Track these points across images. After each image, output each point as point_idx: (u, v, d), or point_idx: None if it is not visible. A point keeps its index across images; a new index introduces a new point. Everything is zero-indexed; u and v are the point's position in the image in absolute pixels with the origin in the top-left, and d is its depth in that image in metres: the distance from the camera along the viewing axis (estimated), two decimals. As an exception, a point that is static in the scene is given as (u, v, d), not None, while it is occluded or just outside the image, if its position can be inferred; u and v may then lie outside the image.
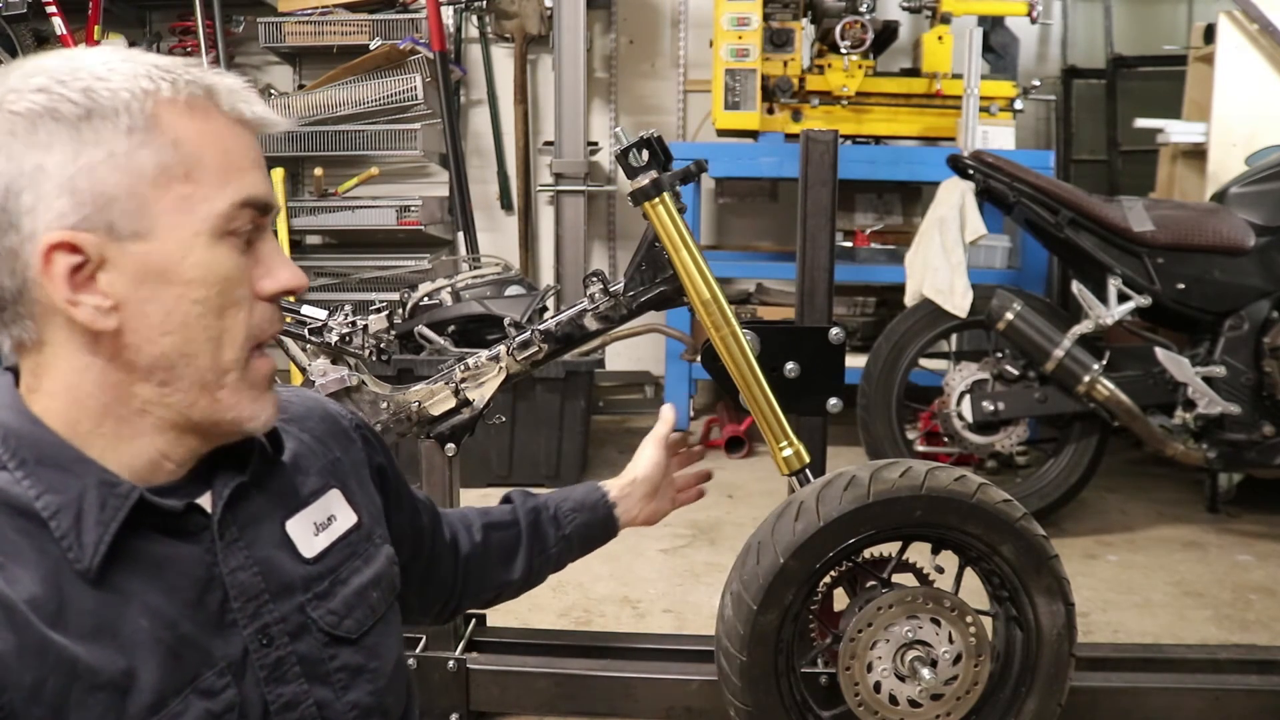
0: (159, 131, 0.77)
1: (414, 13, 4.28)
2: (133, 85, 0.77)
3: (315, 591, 0.88)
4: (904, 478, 1.56)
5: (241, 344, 0.81)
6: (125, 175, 0.76)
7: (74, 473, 0.77)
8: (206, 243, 0.79)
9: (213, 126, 0.80)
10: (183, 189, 0.78)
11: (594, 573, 2.66)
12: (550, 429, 3.32)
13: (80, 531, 0.75)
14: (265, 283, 0.83)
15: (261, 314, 0.83)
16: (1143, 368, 2.82)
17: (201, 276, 0.78)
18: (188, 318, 0.78)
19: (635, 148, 1.67)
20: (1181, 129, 3.59)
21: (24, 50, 4.08)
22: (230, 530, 0.84)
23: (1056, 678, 1.63)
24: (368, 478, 1.03)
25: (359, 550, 0.95)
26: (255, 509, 0.87)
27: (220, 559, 0.82)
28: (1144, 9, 4.61)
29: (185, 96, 0.79)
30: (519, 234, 4.57)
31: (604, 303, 1.75)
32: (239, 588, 0.82)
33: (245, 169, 0.81)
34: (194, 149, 0.78)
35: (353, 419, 1.05)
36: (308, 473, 0.94)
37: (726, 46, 3.62)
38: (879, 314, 4.14)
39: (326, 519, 0.93)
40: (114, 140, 0.76)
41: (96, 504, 0.76)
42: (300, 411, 0.99)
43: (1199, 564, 2.75)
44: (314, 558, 0.90)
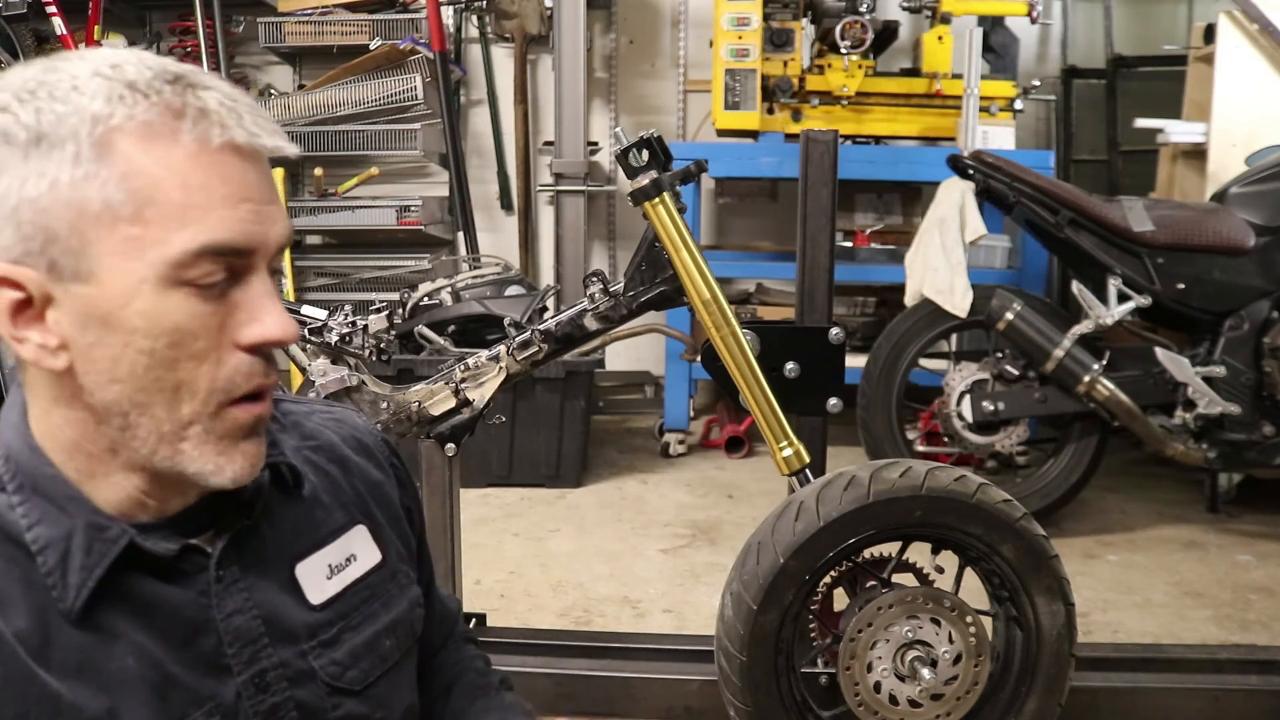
0: (109, 163, 0.68)
1: (414, 13, 4.28)
2: (91, 107, 0.69)
3: (320, 639, 0.84)
4: (904, 478, 1.56)
5: (203, 399, 0.73)
6: (67, 210, 0.68)
7: (65, 510, 0.74)
8: (154, 290, 0.70)
9: (174, 157, 0.69)
10: (129, 230, 0.69)
11: (594, 573, 2.66)
12: (550, 429, 3.32)
13: (66, 571, 0.73)
14: (243, 332, 0.73)
15: (236, 367, 0.74)
16: (1143, 368, 2.82)
17: (146, 326, 0.70)
18: (135, 368, 0.71)
19: (635, 148, 1.67)
20: (1181, 129, 3.59)
21: (24, 51, 4.08)
22: (230, 571, 0.80)
23: (1056, 678, 1.63)
24: (401, 516, 0.97)
25: (379, 592, 0.90)
26: (262, 550, 0.83)
27: (215, 603, 0.78)
28: (1144, 9, 4.61)
29: (145, 119, 0.69)
30: (519, 234, 4.57)
31: (604, 303, 1.75)
32: (234, 633, 0.78)
33: (212, 208, 0.70)
34: (145, 184, 0.69)
35: (388, 454, 0.99)
36: (330, 508, 0.89)
37: (726, 46, 3.62)
38: (879, 314, 4.13)
39: (345, 559, 0.88)
40: (59, 170, 0.68)
41: (83, 547, 0.73)
42: (330, 439, 0.93)
43: (1199, 564, 2.75)
44: (322, 604, 0.85)
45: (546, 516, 3.10)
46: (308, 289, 4.35)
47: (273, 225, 0.74)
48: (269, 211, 0.73)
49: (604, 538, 2.92)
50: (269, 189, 0.74)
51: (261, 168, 0.74)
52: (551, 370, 3.19)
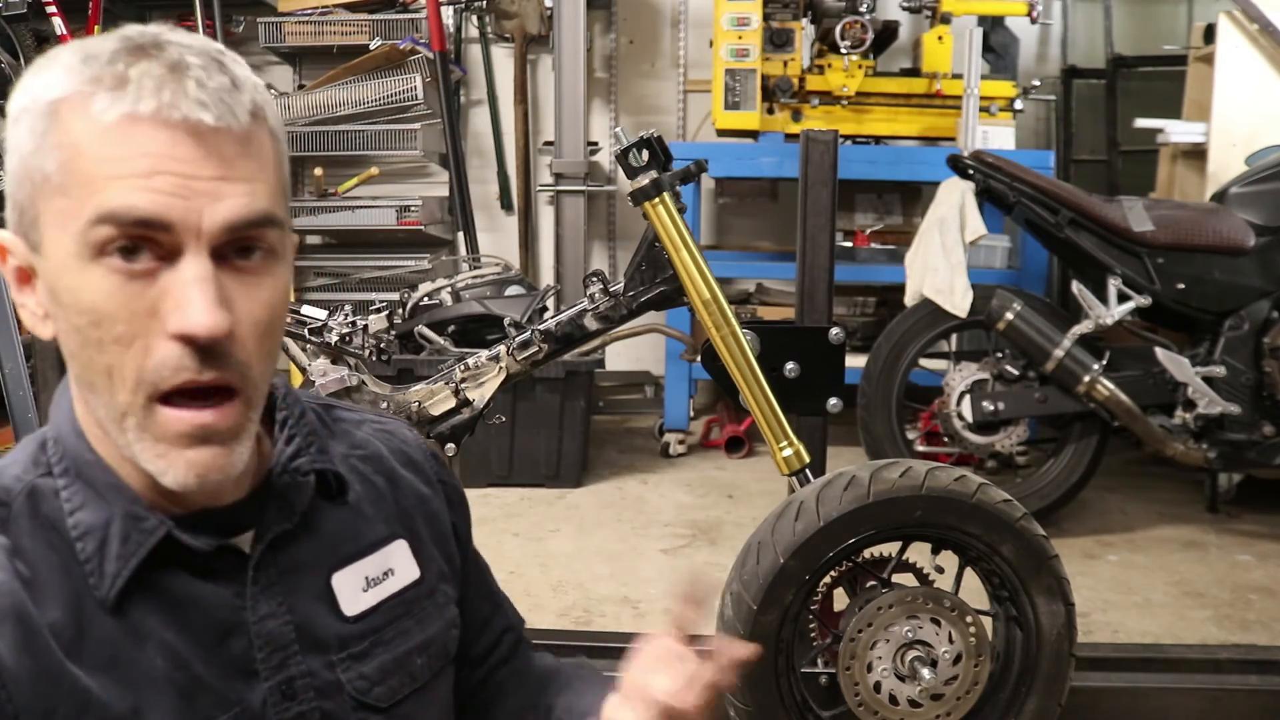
0: (51, 134, 0.68)
1: (414, 13, 4.28)
2: (49, 77, 0.69)
3: (350, 651, 0.82)
4: (904, 478, 1.56)
5: (131, 388, 0.69)
6: (27, 181, 0.70)
7: (105, 498, 0.74)
8: (76, 266, 0.68)
9: (96, 127, 0.67)
10: (61, 202, 0.68)
11: (594, 573, 2.66)
12: (550, 429, 3.32)
13: (102, 560, 0.72)
14: (169, 319, 0.68)
15: (163, 358, 0.68)
16: (1143, 368, 2.82)
17: (72, 303, 0.69)
18: (75, 345, 0.70)
19: (635, 148, 1.67)
20: (1181, 129, 3.59)
21: (24, 51, 4.08)
22: (266, 574, 0.78)
23: (1056, 678, 1.63)
24: (448, 534, 0.94)
25: (414, 609, 0.87)
26: (301, 556, 0.81)
27: (249, 605, 0.77)
28: (1144, 9, 4.61)
29: (81, 89, 0.68)
30: (519, 234, 4.57)
31: (604, 303, 1.75)
32: (265, 637, 0.77)
33: (122, 177, 0.66)
34: (71, 155, 0.68)
35: (437, 470, 0.96)
36: (373, 519, 0.87)
37: (726, 46, 3.62)
38: (879, 314, 4.13)
39: (383, 573, 0.86)
40: (25, 141, 0.70)
41: (120, 535, 0.73)
42: (378, 450, 0.91)
43: (1199, 564, 2.75)
44: (355, 616, 0.83)
45: (546, 516, 3.10)
46: (308, 289, 4.35)
47: (208, 202, 0.68)
48: (202, 187, 0.68)
49: (604, 538, 2.92)
50: (214, 166, 0.68)
51: (203, 141, 0.68)
52: (551, 370, 3.19)
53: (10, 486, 0.75)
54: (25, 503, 0.74)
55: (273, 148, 0.74)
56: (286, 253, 0.76)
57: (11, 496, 0.74)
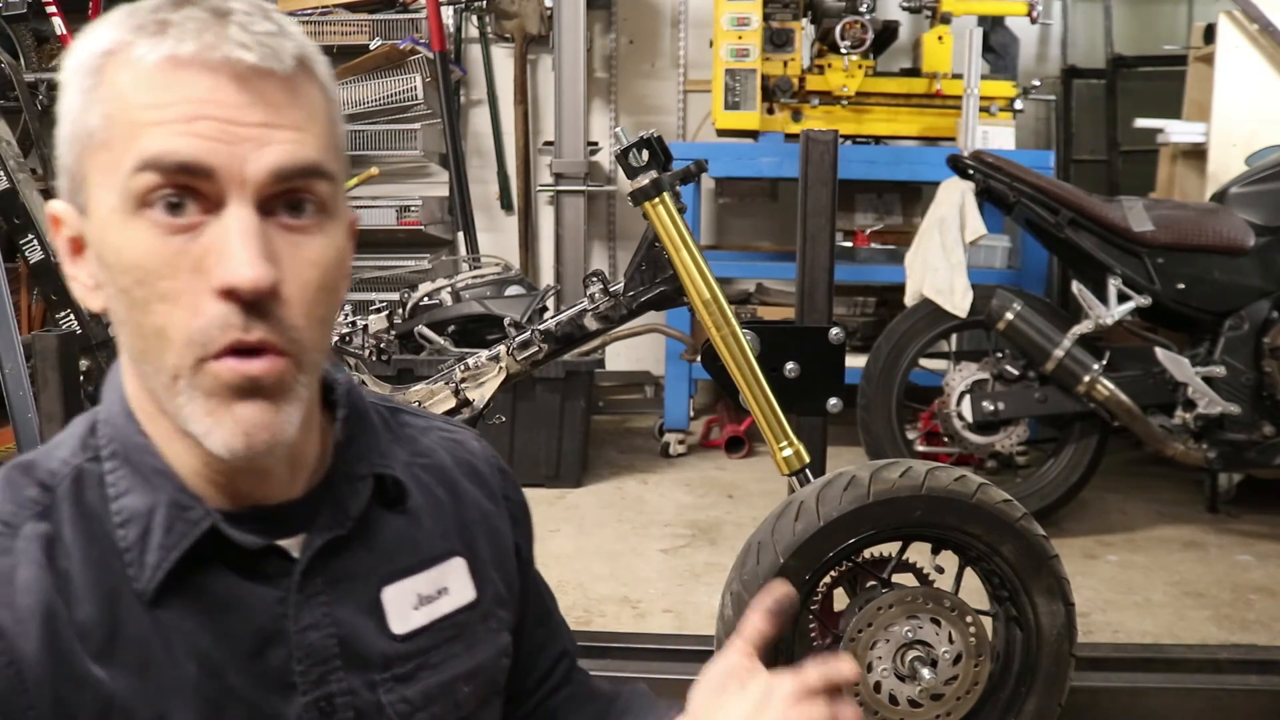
0: (99, 89, 0.65)
1: (414, 13, 4.28)
2: (101, 34, 0.66)
3: (394, 673, 0.76)
4: (904, 478, 1.56)
5: (179, 350, 0.65)
6: (75, 144, 0.67)
7: (152, 484, 0.70)
8: (120, 221, 0.65)
9: (137, 74, 0.64)
10: (105, 156, 0.65)
11: (594, 573, 2.66)
12: (550, 429, 3.32)
13: (144, 550, 0.69)
14: (213, 274, 0.64)
15: (210, 316, 0.64)
16: (1143, 368, 2.82)
17: (115, 262, 0.65)
18: (123, 310, 0.67)
19: (635, 148, 1.67)
20: (1181, 129, 3.59)
21: (24, 51, 4.08)
22: (314, 582, 0.73)
23: (1056, 677, 1.64)
24: (509, 554, 0.88)
25: (466, 634, 0.81)
26: (352, 565, 0.75)
27: (292, 613, 0.71)
28: (1144, 9, 4.61)
29: (126, 39, 0.65)
30: (519, 234, 4.57)
31: (604, 303, 1.75)
32: (306, 649, 0.72)
33: (163, 122, 0.63)
34: (114, 106, 0.65)
35: (504, 486, 0.90)
36: (431, 533, 0.81)
37: (726, 46, 3.62)
38: (879, 314, 4.13)
39: (436, 591, 0.80)
40: (73, 103, 0.67)
41: (164, 524, 0.69)
42: (443, 460, 0.86)
43: (1199, 564, 2.75)
44: (403, 635, 0.77)
45: (546, 516, 3.10)
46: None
47: (252, 148, 0.64)
48: (246, 133, 0.64)
49: (604, 538, 2.92)
50: (259, 111, 0.65)
51: (249, 86, 0.64)
52: (551, 370, 3.19)
53: (56, 470, 0.72)
54: (70, 488, 0.71)
55: (323, 102, 0.70)
56: (340, 212, 0.70)
57: (56, 481, 0.71)
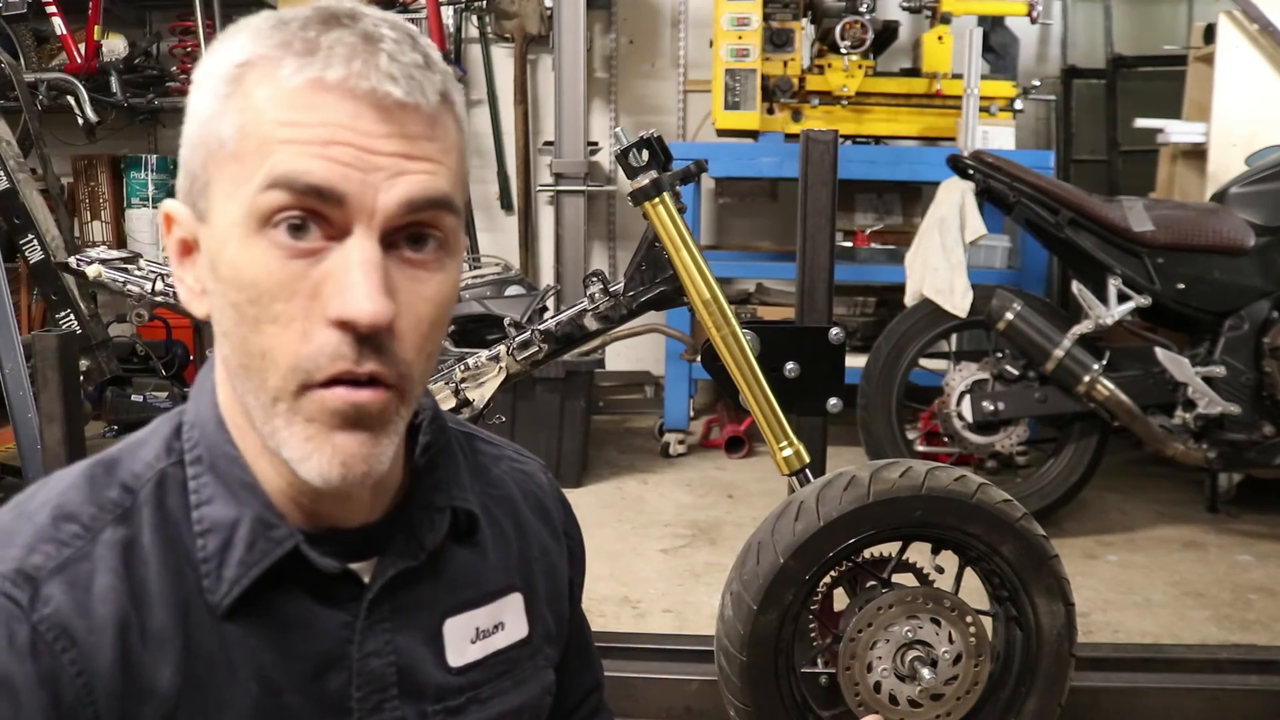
0: (233, 98, 0.65)
1: (414, 13, 4.28)
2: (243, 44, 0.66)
3: (446, 705, 0.76)
4: (904, 478, 1.56)
5: (284, 374, 0.64)
6: (202, 147, 0.67)
7: (238, 497, 0.69)
8: (241, 236, 0.64)
9: (279, 91, 0.64)
10: (235, 168, 0.65)
11: (594, 573, 2.65)
12: (550, 429, 3.32)
13: (223, 563, 0.68)
14: (330, 304, 0.63)
15: (321, 345, 0.64)
16: (1143, 368, 2.82)
17: (231, 277, 0.65)
18: (229, 323, 0.66)
19: (635, 148, 1.67)
20: (1181, 129, 3.59)
21: (24, 51, 4.08)
22: (381, 609, 0.73)
23: (1056, 677, 1.64)
24: (563, 591, 0.89)
25: (515, 669, 0.82)
26: (419, 595, 0.75)
27: (358, 639, 0.71)
28: (1144, 9, 4.61)
29: (269, 54, 0.65)
30: (519, 234, 4.57)
31: (604, 303, 1.75)
32: (367, 675, 0.72)
33: (299, 142, 0.63)
34: (249, 118, 0.64)
35: (566, 523, 0.92)
36: (496, 566, 0.81)
37: (726, 46, 3.62)
38: (879, 314, 4.14)
39: (493, 626, 0.80)
40: (205, 107, 0.67)
41: (246, 540, 0.68)
42: (511, 493, 0.86)
43: (1199, 564, 2.75)
44: (459, 668, 0.77)
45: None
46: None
47: (385, 178, 0.64)
48: (381, 162, 0.64)
49: (604, 537, 2.92)
50: (396, 143, 0.64)
51: (391, 118, 0.64)
52: (551, 370, 3.19)
53: (140, 473, 0.70)
54: (152, 492, 0.70)
55: (457, 136, 0.69)
56: (459, 248, 0.70)
57: (140, 484, 0.70)
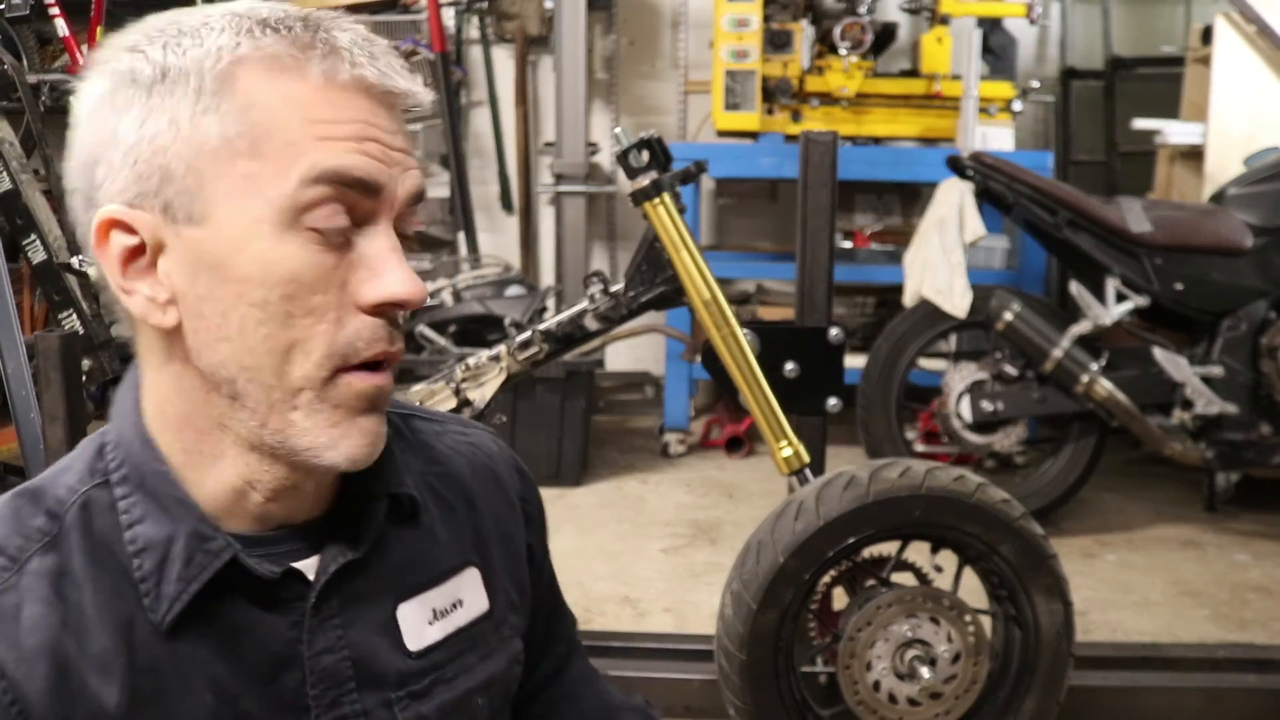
0: (230, 95, 0.64)
1: (415, 14, 4.28)
2: (219, 40, 0.65)
3: (410, 690, 0.75)
4: (903, 477, 1.57)
5: (318, 362, 0.66)
6: (186, 147, 0.65)
7: (170, 513, 0.68)
8: (271, 233, 0.64)
9: (298, 89, 0.65)
10: (248, 165, 0.64)
11: (594, 572, 2.67)
12: (550, 429, 3.33)
13: (161, 580, 0.67)
14: (365, 290, 0.66)
15: (357, 330, 0.67)
16: (1141, 368, 2.83)
17: (260, 275, 0.64)
18: (245, 324, 0.65)
19: (635, 148, 1.68)
20: (1179, 130, 3.60)
21: (27, 52, 4.08)
22: (329, 605, 0.72)
23: (1055, 676, 1.64)
24: (521, 557, 0.88)
25: (480, 644, 0.81)
26: (366, 585, 0.74)
27: (307, 638, 0.71)
28: (1142, 10, 4.61)
29: (272, 52, 0.65)
30: (519, 234, 4.57)
31: (604, 303, 1.76)
32: (320, 673, 0.71)
33: (336, 139, 0.65)
34: (266, 116, 0.64)
35: (520, 487, 0.91)
36: (446, 545, 0.80)
37: (726, 48, 3.62)
38: (879, 314, 4.14)
39: (451, 604, 0.79)
40: (180, 105, 0.64)
41: (183, 555, 0.67)
42: (459, 468, 0.85)
43: (1197, 563, 2.76)
44: (419, 651, 0.76)
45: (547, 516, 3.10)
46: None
47: (403, 172, 0.68)
48: (399, 157, 0.68)
49: (604, 537, 2.93)
50: (401, 137, 0.69)
51: (394, 113, 0.69)
52: (552, 370, 3.20)
53: (64, 498, 0.70)
54: (78, 516, 0.69)
55: None
56: None
57: (64, 509, 0.69)
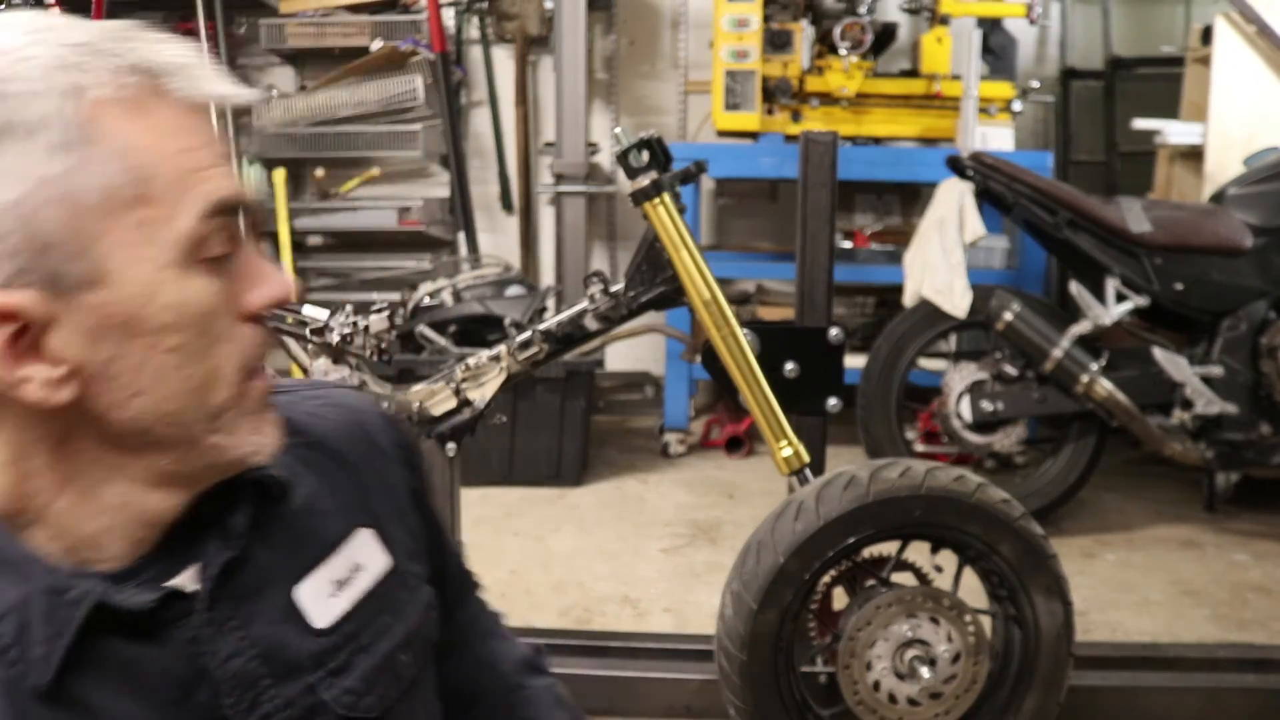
0: (99, 143, 0.59)
1: (415, 14, 4.28)
2: (55, 81, 0.58)
3: (329, 668, 0.73)
4: (903, 477, 1.57)
5: (232, 380, 0.66)
6: (59, 208, 0.58)
7: (19, 572, 0.63)
8: (177, 276, 0.62)
9: (162, 121, 0.62)
10: (141, 213, 0.60)
11: (594, 572, 2.67)
12: (550, 429, 3.33)
13: (26, 645, 0.62)
14: (251, 298, 0.67)
15: (250, 338, 0.68)
16: (1141, 368, 2.83)
17: (175, 320, 0.62)
18: (163, 371, 0.63)
19: (635, 148, 1.68)
20: (1179, 130, 3.60)
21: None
22: (221, 609, 0.68)
23: (1055, 676, 1.64)
24: (406, 504, 0.86)
25: (389, 602, 0.79)
26: (255, 577, 0.71)
27: (208, 651, 0.67)
28: (1142, 10, 4.61)
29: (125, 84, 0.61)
30: (519, 235, 4.57)
31: (604, 303, 1.76)
32: (231, 680, 0.68)
33: (206, 166, 0.63)
34: (144, 158, 0.61)
35: (391, 434, 0.87)
36: (329, 514, 0.78)
37: (726, 48, 3.63)
38: (879, 314, 4.14)
39: (349, 571, 0.77)
40: (39, 164, 0.58)
41: (43, 614, 0.62)
42: (325, 430, 0.82)
43: (1197, 563, 2.76)
44: (329, 627, 0.74)
45: (547, 516, 3.11)
46: (310, 290, 4.35)
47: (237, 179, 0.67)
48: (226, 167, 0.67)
49: (604, 537, 2.93)
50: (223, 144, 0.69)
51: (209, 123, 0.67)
52: (552, 370, 3.20)
53: None
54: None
55: None
56: None
57: None
